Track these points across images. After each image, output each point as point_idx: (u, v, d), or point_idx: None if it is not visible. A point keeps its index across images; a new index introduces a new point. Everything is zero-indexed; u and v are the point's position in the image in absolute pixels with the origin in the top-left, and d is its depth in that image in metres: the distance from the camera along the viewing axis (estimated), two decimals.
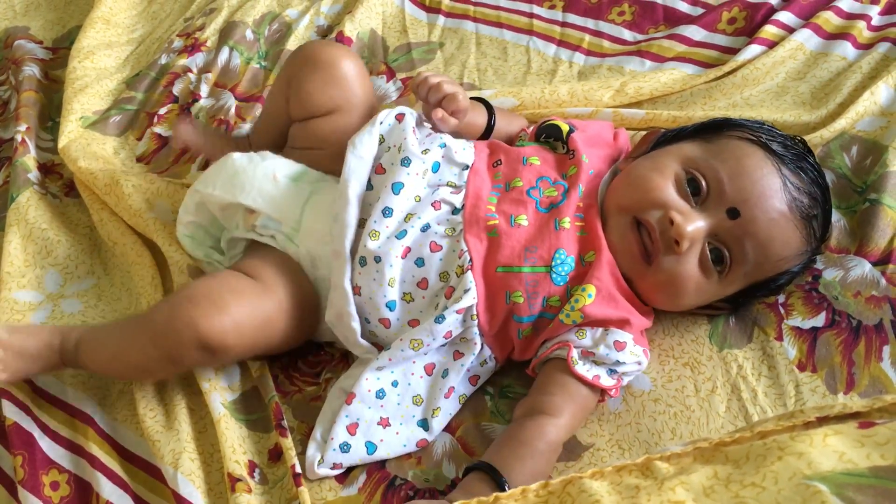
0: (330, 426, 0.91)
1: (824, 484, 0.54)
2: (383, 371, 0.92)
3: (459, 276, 0.90)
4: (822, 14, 1.27)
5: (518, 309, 0.90)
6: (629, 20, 1.37)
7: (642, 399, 0.93)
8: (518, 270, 0.90)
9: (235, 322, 0.89)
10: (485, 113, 1.07)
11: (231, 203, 1.01)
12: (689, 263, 0.90)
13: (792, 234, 0.90)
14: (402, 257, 0.92)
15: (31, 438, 0.95)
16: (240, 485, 0.88)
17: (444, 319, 0.89)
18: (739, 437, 0.64)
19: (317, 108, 1.03)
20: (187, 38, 1.44)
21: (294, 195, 0.99)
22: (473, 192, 0.95)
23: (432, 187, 0.96)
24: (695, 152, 0.93)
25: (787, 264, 0.93)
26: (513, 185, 0.95)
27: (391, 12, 1.45)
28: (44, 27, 1.59)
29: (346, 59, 1.03)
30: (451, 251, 0.92)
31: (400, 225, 0.93)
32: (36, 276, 1.13)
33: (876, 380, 0.91)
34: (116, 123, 1.33)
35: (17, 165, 1.26)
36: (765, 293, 0.97)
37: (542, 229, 0.92)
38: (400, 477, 0.89)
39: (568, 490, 0.63)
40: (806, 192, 0.91)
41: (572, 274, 0.90)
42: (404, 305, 0.93)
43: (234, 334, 0.89)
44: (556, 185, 0.95)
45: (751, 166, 0.90)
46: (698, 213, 0.90)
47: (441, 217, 0.94)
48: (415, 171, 0.94)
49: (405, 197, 0.94)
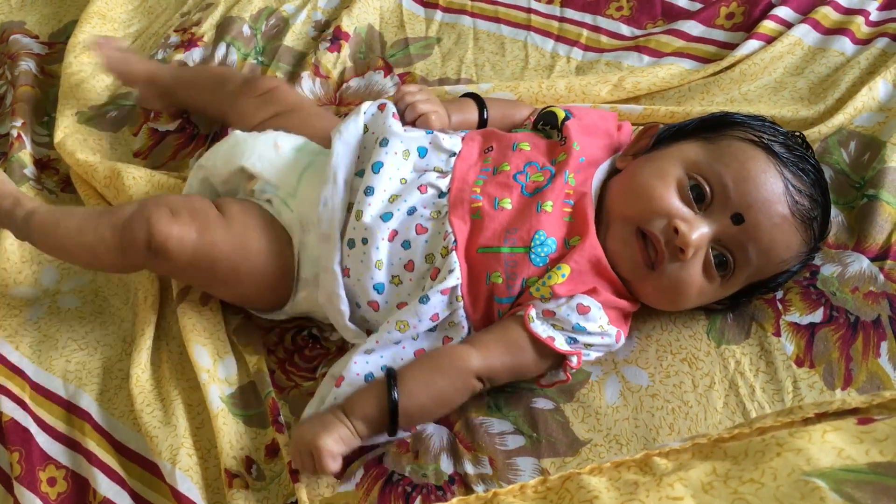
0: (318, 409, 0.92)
1: (823, 480, 0.54)
2: (372, 355, 0.92)
3: (444, 257, 0.91)
4: (821, 9, 1.27)
5: (497, 290, 0.91)
6: (627, 15, 1.37)
7: (640, 394, 0.93)
8: (497, 251, 0.90)
9: (181, 232, 0.94)
10: (475, 109, 1.09)
11: (233, 172, 1.03)
12: (693, 269, 0.90)
13: (794, 237, 0.90)
14: (388, 240, 0.93)
15: (27, 434, 0.95)
16: (237, 480, 0.88)
17: (429, 300, 0.89)
18: (738, 433, 0.65)
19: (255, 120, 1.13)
20: (184, 34, 1.43)
21: (293, 162, 1.02)
22: (460, 176, 0.96)
23: (419, 172, 0.97)
24: (697, 155, 0.93)
25: (788, 265, 0.93)
26: (500, 170, 0.96)
27: (389, 7, 1.45)
28: (40, 22, 1.58)
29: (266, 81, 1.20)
30: (436, 233, 0.92)
31: (385, 206, 0.94)
32: (33, 273, 1.13)
33: (873, 375, 0.91)
34: (112, 119, 1.32)
35: (12, 161, 1.25)
36: (763, 292, 0.97)
37: (523, 211, 0.92)
38: (397, 472, 0.89)
39: (566, 486, 0.63)
40: (807, 195, 0.91)
41: (553, 256, 0.91)
42: (392, 288, 0.94)
43: (175, 242, 0.93)
44: (544, 171, 0.95)
45: (755, 171, 0.90)
46: (702, 219, 0.89)
47: (427, 200, 0.94)
48: (393, 151, 0.96)
49: (386, 176, 0.95)
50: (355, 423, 0.87)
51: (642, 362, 0.95)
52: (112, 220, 0.97)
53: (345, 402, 0.88)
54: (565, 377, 0.92)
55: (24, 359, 1.03)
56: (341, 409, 0.88)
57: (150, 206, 0.96)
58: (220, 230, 0.96)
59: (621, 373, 0.95)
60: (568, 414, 0.92)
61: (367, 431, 0.88)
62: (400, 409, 0.86)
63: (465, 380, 0.89)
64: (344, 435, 0.86)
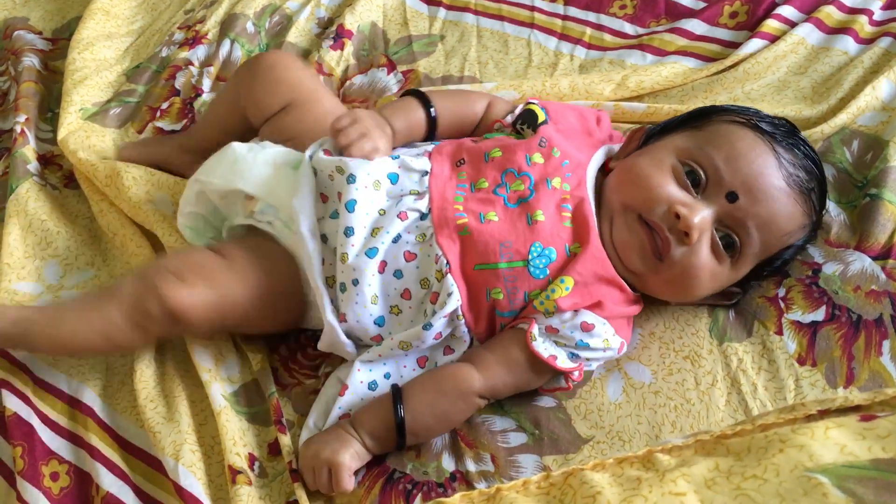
0: (323, 415, 0.92)
1: (826, 476, 0.55)
2: (375, 364, 0.93)
3: (440, 281, 0.90)
4: (824, 9, 1.27)
5: (499, 305, 0.90)
6: (630, 14, 1.37)
7: (643, 391, 0.93)
8: (495, 267, 0.90)
9: (194, 294, 0.91)
10: (420, 108, 1.03)
11: (231, 190, 1.01)
12: (701, 252, 0.90)
13: (793, 208, 0.91)
14: (379, 272, 0.91)
15: (30, 429, 0.95)
16: (240, 477, 0.88)
17: (432, 326, 0.89)
18: (741, 429, 0.65)
19: (270, 109, 1.08)
20: (188, 31, 1.43)
21: (293, 182, 0.98)
22: (438, 194, 0.93)
23: (394, 199, 0.94)
24: (687, 142, 0.93)
25: (791, 239, 0.93)
26: (478, 186, 0.94)
27: (392, 4, 1.45)
28: (43, 18, 1.58)
29: (279, 59, 1.11)
30: (425, 257, 0.91)
31: (368, 241, 0.92)
32: (36, 268, 1.13)
33: (876, 374, 0.91)
34: (116, 115, 1.32)
35: (16, 156, 1.25)
36: (771, 272, 0.97)
37: (514, 224, 0.91)
38: (399, 470, 0.89)
39: (569, 482, 0.63)
40: (801, 167, 0.91)
41: (554, 265, 0.90)
42: (393, 318, 0.93)
43: (192, 305, 0.91)
44: (522, 177, 0.94)
45: (744, 148, 0.90)
46: (701, 202, 0.90)
47: (410, 225, 0.93)
48: (363, 185, 0.92)
49: (363, 212, 0.92)
50: (365, 438, 0.87)
51: (645, 359, 0.95)
52: (117, 302, 0.93)
53: (353, 417, 0.89)
54: (567, 385, 0.93)
55: (26, 354, 1.03)
56: (351, 424, 0.88)
57: (153, 277, 0.92)
58: (228, 278, 0.94)
59: (624, 370, 0.95)
60: (570, 411, 0.93)
61: (377, 446, 0.88)
62: (406, 428, 0.87)
63: (468, 401, 0.90)
64: (359, 450, 0.87)
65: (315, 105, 1.07)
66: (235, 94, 1.12)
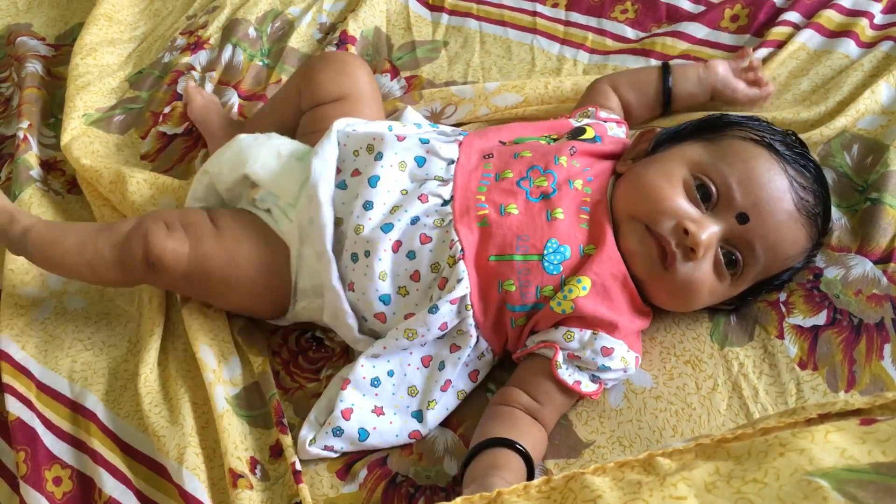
0: (325, 410, 0.93)
1: (826, 480, 0.55)
2: (379, 360, 0.93)
3: (452, 266, 0.91)
4: (824, 13, 1.26)
5: (510, 298, 0.90)
6: (632, 18, 1.37)
7: (643, 396, 0.93)
8: (510, 258, 0.90)
9: (175, 246, 0.96)
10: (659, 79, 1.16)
11: (237, 179, 1.03)
12: (704, 269, 0.90)
13: (799, 233, 0.91)
14: (392, 251, 0.93)
15: (33, 434, 0.96)
16: (241, 481, 0.88)
17: (438, 310, 0.89)
18: (741, 433, 0.64)
19: (326, 95, 1.10)
20: (190, 36, 1.44)
21: (296, 172, 1.01)
22: (462, 183, 0.95)
23: (418, 181, 0.97)
24: (701, 155, 0.93)
25: (793, 261, 0.93)
26: (503, 176, 0.96)
27: (395, 10, 1.45)
28: (46, 24, 1.59)
29: (356, 58, 1.16)
30: (440, 242, 0.92)
31: (385, 217, 0.94)
32: (39, 273, 1.13)
33: (877, 378, 0.91)
34: (120, 122, 1.33)
35: (19, 162, 1.26)
36: (768, 289, 0.97)
37: (533, 219, 0.92)
38: (401, 474, 0.90)
39: (570, 486, 0.63)
40: (811, 191, 0.91)
41: (568, 264, 0.90)
42: (399, 299, 0.93)
43: (170, 256, 0.96)
44: (547, 175, 0.95)
45: (759, 169, 0.90)
46: (710, 218, 0.90)
47: (430, 209, 0.94)
48: (388, 163, 0.96)
49: (384, 189, 0.95)
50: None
51: (646, 364, 0.95)
52: (110, 237, 0.99)
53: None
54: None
55: (30, 358, 1.04)
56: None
57: (147, 222, 0.98)
58: (213, 243, 0.98)
59: None
60: (571, 416, 0.93)
61: None
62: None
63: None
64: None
65: (362, 108, 1.10)
66: (300, 79, 1.14)
